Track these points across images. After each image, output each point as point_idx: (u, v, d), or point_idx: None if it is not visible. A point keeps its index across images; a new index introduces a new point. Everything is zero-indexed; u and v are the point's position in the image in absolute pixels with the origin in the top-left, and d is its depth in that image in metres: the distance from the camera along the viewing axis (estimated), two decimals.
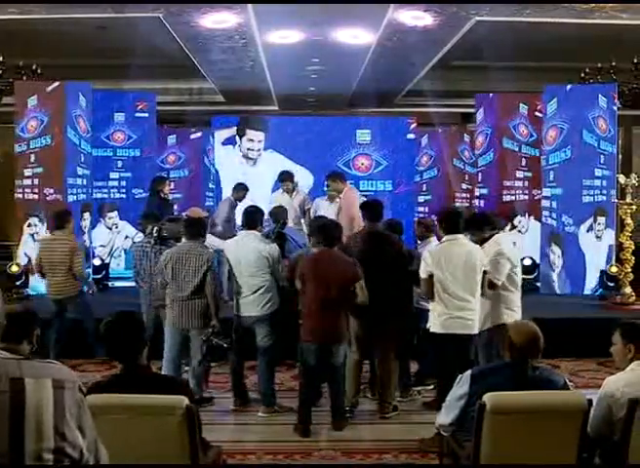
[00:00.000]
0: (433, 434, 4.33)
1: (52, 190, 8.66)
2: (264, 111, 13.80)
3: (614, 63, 9.62)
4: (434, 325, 4.94)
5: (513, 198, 9.74)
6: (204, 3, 7.73)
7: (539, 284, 9.16)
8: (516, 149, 9.69)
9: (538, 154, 9.52)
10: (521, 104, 9.72)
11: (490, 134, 9.83)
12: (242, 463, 4.53)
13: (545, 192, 9.21)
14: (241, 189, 8.63)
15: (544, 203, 9.26)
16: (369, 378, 5.87)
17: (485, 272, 4.94)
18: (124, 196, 9.88)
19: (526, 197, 9.67)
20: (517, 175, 9.72)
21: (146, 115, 10.04)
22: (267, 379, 5.49)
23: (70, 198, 8.76)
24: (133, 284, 6.54)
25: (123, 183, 9.91)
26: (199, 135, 11.79)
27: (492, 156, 9.80)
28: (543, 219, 9.31)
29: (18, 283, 8.35)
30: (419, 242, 6.33)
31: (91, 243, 9.35)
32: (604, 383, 3.26)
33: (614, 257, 8.85)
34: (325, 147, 10.06)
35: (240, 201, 8.44)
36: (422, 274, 4.93)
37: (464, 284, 4.86)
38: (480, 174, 10.15)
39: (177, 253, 5.42)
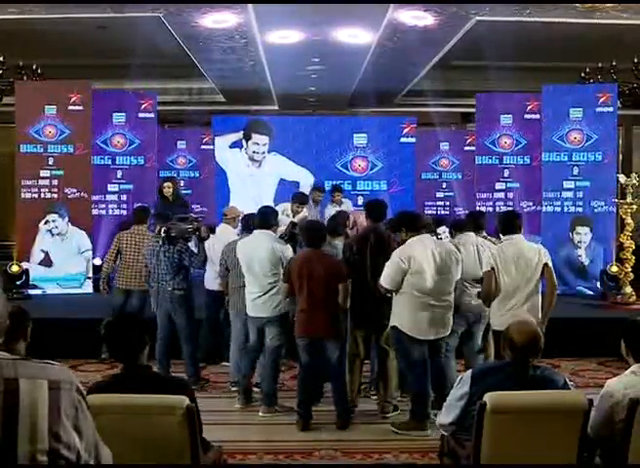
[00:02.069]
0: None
1: (74, 190, 9.06)
2: (264, 111, 13.80)
3: (614, 63, 9.62)
4: (499, 323, 4.78)
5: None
6: (204, 3, 7.73)
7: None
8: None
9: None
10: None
11: None
12: (242, 463, 4.54)
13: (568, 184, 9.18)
14: (317, 189, 8.97)
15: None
16: (369, 378, 5.87)
17: (546, 265, 4.98)
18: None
19: None
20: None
21: (152, 115, 10.10)
22: (272, 379, 5.49)
23: None
24: None
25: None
26: (207, 140, 11.76)
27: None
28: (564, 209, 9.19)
29: (18, 283, 8.35)
30: None
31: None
32: (605, 385, 3.26)
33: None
34: (324, 150, 10.60)
35: (317, 203, 8.74)
36: (487, 267, 4.97)
37: (523, 281, 4.94)
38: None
39: None
